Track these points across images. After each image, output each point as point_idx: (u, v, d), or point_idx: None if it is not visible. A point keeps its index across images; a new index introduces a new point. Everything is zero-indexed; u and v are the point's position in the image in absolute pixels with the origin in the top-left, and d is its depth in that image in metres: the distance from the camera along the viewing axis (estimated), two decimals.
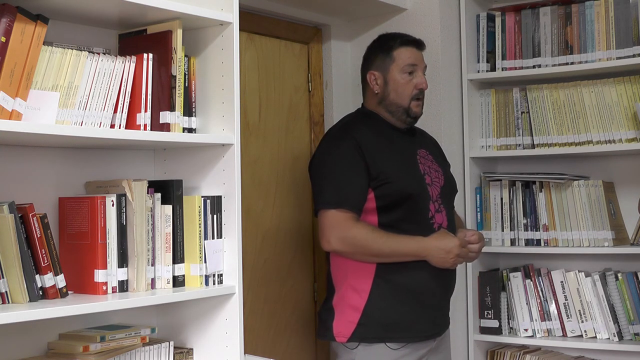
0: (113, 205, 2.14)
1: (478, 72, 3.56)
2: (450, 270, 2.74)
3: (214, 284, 2.34)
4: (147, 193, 2.22)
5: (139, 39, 2.32)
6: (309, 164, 2.80)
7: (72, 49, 2.03)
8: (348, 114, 2.89)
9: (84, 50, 2.07)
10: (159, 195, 2.26)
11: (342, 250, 2.61)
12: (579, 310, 3.34)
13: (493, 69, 3.56)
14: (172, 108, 2.23)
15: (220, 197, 2.36)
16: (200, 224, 2.31)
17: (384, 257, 2.61)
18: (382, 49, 2.77)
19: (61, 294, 2.04)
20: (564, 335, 3.38)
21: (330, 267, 2.74)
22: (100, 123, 2.09)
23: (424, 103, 2.80)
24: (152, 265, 2.22)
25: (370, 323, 2.62)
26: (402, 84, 2.73)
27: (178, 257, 2.29)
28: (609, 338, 3.28)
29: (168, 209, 2.27)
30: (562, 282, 3.39)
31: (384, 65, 2.75)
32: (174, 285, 2.27)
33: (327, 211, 2.60)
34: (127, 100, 2.16)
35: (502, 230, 3.50)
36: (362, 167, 2.61)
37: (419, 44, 2.80)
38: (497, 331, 3.46)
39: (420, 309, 2.66)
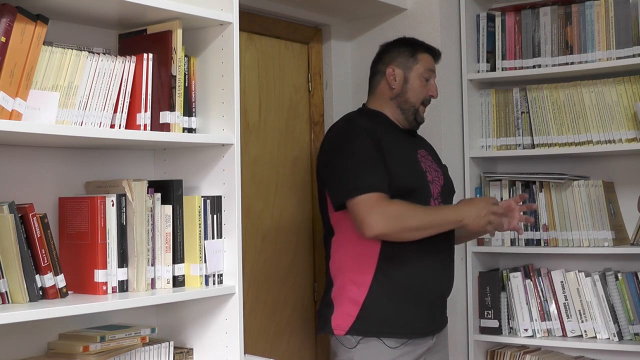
0: (113, 205, 2.14)
1: (478, 72, 3.57)
2: (449, 266, 2.77)
3: (214, 284, 2.34)
4: (147, 193, 2.22)
5: (139, 39, 2.32)
6: (321, 161, 2.76)
7: (72, 49, 2.03)
8: (348, 113, 2.90)
9: (84, 50, 2.07)
10: (159, 195, 2.26)
11: (386, 232, 2.54)
12: (579, 310, 3.34)
13: (493, 69, 3.56)
14: (172, 108, 2.23)
15: (220, 197, 2.36)
16: (200, 224, 2.31)
17: (426, 230, 2.59)
18: (407, 49, 2.83)
19: (61, 294, 2.04)
20: (564, 335, 3.38)
21: (329, 261, 2.74)
22: (100, 123, 2.09)
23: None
24: (152, 265, 2.22)
25: (369, 317, 2.62)
26: (419, 86, 2.80)
27: (178, 257, 2.29)
28: (609, 338, 3.28)
29: (168, 209, 2.27)
30: (562, 282, 3.39)
31: (407, 64, 2.80)
32: (174, 285, 2.27)
33: (358, 197, 2.54)
34: (127, 100, 2.16)
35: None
36: (378, 153, 2.61)
37: (438, 56, 2.90)
38: (497, 331, 3.46)
39: (419, 305, 2.67)
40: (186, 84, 2.32)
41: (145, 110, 2.18)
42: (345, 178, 2.60)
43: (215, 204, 2.34)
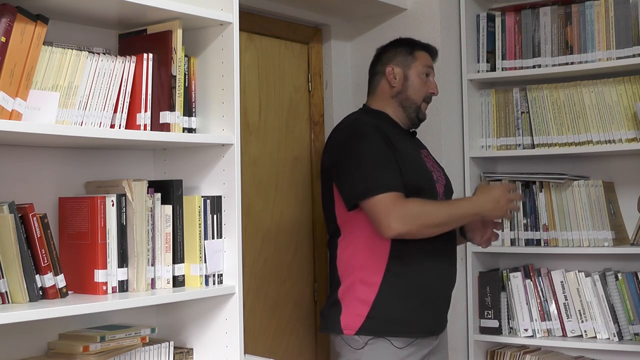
0: (113, 205, 2.14)
1: (478, 72, 3.57)
2: (454, 265, 2.78)
3: (214, 284, 2.34)
4: (147, 193, 2.22)
5: (139, 39, 2.32)
6: (329, 161, 2.72)
7: (72, 49, 2.03)
8: (352, 113, 2.89)
9: (84, 50, 2.07)
10: (159, 195, 2.26)
11: (405, 231, 2.53)
12: (579, 310, 3.34)
13: (493, 69, 3.56)
14: (172, 108, 2.23)
15: (220, 197, 2.36)
16: (200, 224, 2.31)
17: (444, 226, 2.61)
18: (404, 48, 2.85)
19: (61, 294, 2.04)
20: (564, 335, 3.38)
21: (336, 261, 2.72)
22: (100, 123, 2.09)
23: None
24: (152, 265, 2.22)
25: (378, 317, 2.61)
26: (419, 82, 2.82)
27: (178, 257, 2.29)
28: (609, 338, 3.28)
29: (168, 209, 2.27)
30: (562, 282, 3.39)
31: (406, 62, 2.82)
32: (174, 285, 2.27)
33: (375, 197, 2.53)
34: (127, 100, 2.16)
35: (502, 230, 3.48)
36: (391, 152, 2.61)
37: (435, 54, 2.92)
38: (497, 331, 3.47)
39: (427, 305, 2.68)
40: (186, 84, 2.32)
41: (145, 110, 2.18)
42: (359, 178, 2.59)
43: (215, 204, 2.34)
